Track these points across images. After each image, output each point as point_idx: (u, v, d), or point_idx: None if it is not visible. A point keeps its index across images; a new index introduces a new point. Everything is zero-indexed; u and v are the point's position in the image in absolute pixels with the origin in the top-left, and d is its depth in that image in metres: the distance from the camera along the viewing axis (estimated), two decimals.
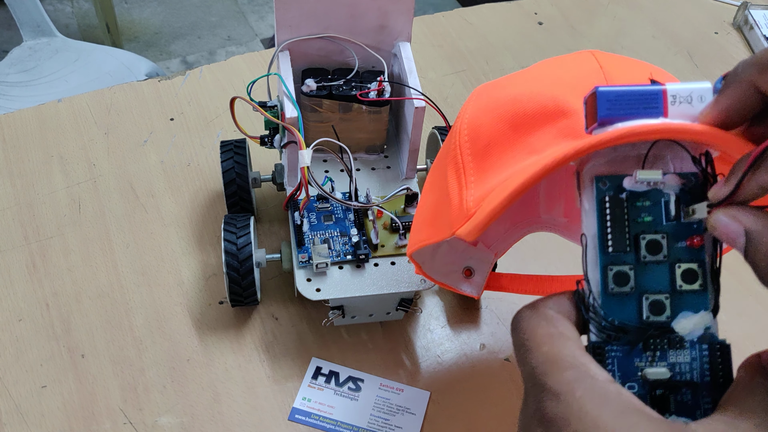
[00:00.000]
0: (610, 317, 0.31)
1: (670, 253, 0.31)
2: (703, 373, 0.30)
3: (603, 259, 0.31)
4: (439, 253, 0.45)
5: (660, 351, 0.31)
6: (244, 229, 0.51)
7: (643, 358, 0.31)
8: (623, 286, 0.31)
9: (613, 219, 0.31)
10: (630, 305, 0.31)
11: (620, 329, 0.31)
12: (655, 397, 0.30)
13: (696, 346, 0.31)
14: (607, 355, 0.31)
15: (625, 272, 0.31)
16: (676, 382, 0.30)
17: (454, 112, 0.71)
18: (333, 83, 0.54)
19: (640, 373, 0.30)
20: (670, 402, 0.30)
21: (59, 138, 0.67)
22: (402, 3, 0.53)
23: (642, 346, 0.31)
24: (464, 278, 0.47)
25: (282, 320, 0.55)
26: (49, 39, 1.23)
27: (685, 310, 0.31)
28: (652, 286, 0.31)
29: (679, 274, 0.31)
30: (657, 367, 0.30)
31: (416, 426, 0.50)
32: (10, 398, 0.51)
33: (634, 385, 0.31)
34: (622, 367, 0.31)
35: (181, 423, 0.50)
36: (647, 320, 0.31)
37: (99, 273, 0.58)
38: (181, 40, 1.86)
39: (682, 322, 0.31)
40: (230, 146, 0.58)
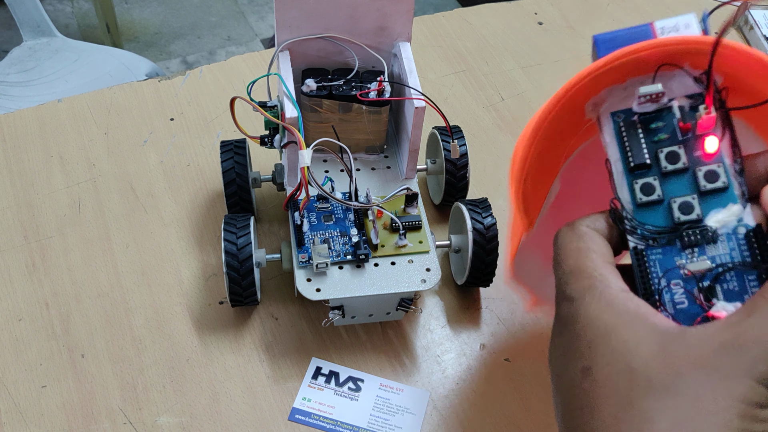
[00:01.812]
0: (646, 224, 0.33)
1: (690, 160, 0.33)
2: (743, 258, 0.32)
3: (628, 176, 0.34)
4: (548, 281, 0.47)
5: (698, 247, 0.33)
6: (244, 229, 0.51)
7: (683, 256, 0.33)
8: (651, 195, 0.33)
9: (630, 139, 0.34)
10: (660, 211, 0.33)
11: (656, 232, 0.33)
12: (703, 289, 0.32)
13: (732, 237, 0.32)
14: (647, 258, 0.33)
15: (651, 183, 0.33)
16: (719, 270, 0.32)
17: (454, 113, 0.72)
18: (333, 83, 0.54)
19: (683, 270, 0.33)
20: (718, 291, 0.32)
21: (59, 138, 0.67)
22: (402, 4, 0.53)
23: (680, 245, 0.33)
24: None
25: (282, 320, 0.55)
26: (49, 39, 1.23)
27: (714, 206, 0.33)
28: (678, 192, 0.33)
29: (701, 176, 0.33)
30: (699, 261, 0.32)
31: (416, 426, 0.50)
32: (10, 398, 0.51)
33: (680, 282, 0.33)
34: (664, 267, 0.33)
35: (180, 423, 0.50)
36: (679, 220, 0.33)
37: (99, 273, 0.58)
38: (181, 40, 1.86)
39: (715, 217, 0.33)
40: (230, 146, 0.58)
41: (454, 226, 0.57)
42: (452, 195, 0.60)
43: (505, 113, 0.72)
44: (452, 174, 0.59)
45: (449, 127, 0.54)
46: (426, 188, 0.64)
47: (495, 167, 0.67)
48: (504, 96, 0.74)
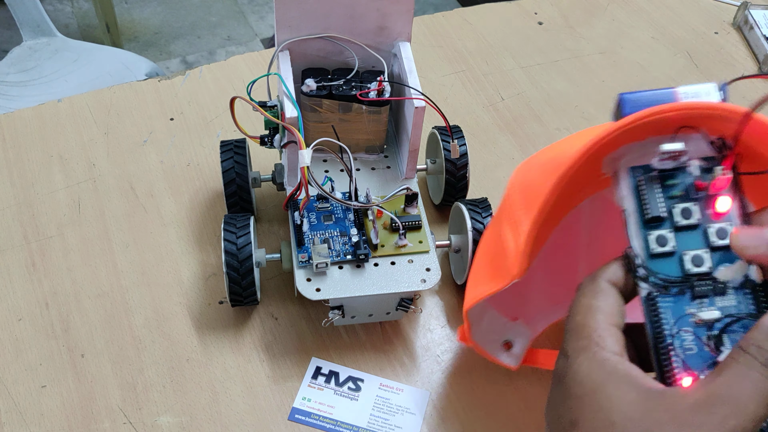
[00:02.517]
0: (658, 274, 0.35)
1: (702, 216, 0.36)
2: (750, 312, 0.34)
3: (643, 228, 0.36)
4: (484, 320, 0.49)
5: (708, 298, 0.35)
6: (244, 229, 0.51)
7: (693, 305, 0.35)
8: (665, 246, 0.35)
9: (648, 193, 0.36)
10: (672, 262, 0.35)
11: (668, 282, 0.35)
12: (712, 336, 0.34)
13: (739, 292, 0.34)
14: (659, 305, 0.35)
15: (665, 235, 0.36)
16: (727, 321, 0.34)
17: (454, 112, 0.72)
18: (333, 83, 0.54)
19: (694, 318, 0.34)
20: (725, 339, 0.34)
21: (59, 138, 0.67)
22: (402, 3, 0.53)
23: (691, 295, 0.35)
24: (504, 350, 0.50)
25: (282, 320, 0.55)
26: (49, 39, 1.23)
27: (723, 261, 0.35)
28: (690, 245, 0.35)
29: (712, 232, 0.35)
30: (707, 311, 0.34)
31: (416, 426, 0.50)
32: (10, 397, 0.51)
33: (690, 329, 0.34)
34: (675, 314, 0.35)
35: (180, 423, 0.50)
36: (690, 272, 0.35)
37: (99, 273, 0.58)
38: (181, 40, 1.86)
39: (722, 271, 0.35)
40: (230, 146, 0.58)
41: (453, 226, 0.57)
42: (452, 195, 0.60)
43: (505, 113, 0.72)
44: (452, 174, 0.59)
45: (449, 126, 0.54)
46: (426, 188, 0.64)
47: (495, 167, 0.67)
48: (504, 96, 0.74)
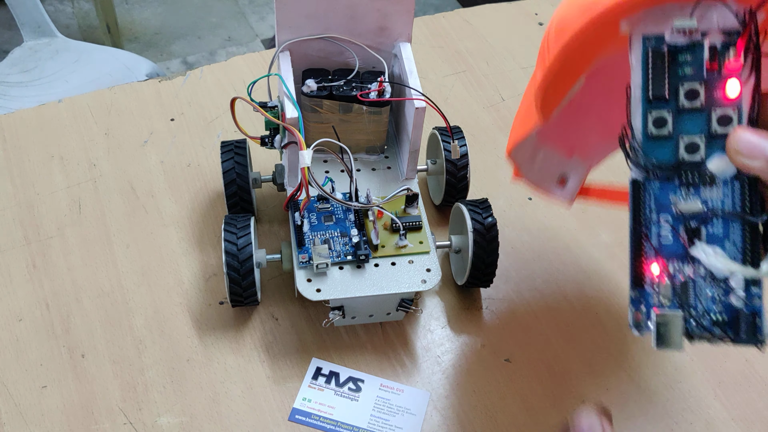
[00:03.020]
0: (650, 157, 0.34)
1: (708, 101, 0.34)
2: (734, 207, 0.33)
3: (644, 106, 0.34)
4: (537, 159, 0.48)
5: (694, 188, 0.34)
6: (245, 230, 0.51)
7: (678, 193, 0.34)
8: (661, 129, 0.34)
9: (654, 69, 0.34)
10: (668, 147, 0.34)
11: (657, 167, 0.34)
12: (689, 228, 0.34)
13: (728, 184, 0.33)
14: (645, 190, 0.34)
15: (664, 117, 0.34)
16: (708, 214, 0.34)
17: (455, 113, 0.72)
18: (333, 84, 0.54)
19: (675, 208, 0.34)
20: (702, 232, 0.34)
21: (59, 138, 0.67)
22: (402, 4, 0.53)
23: (678, 183, 0.34)
24: (558, 186, 0.50)
25: (282, 321, 0.55)
26: (50, 39, 1.23)
27: (719, 151, 0.33)
28: (689, 130, 0.34)
29: (715, 118, 0.33)
30: (690, 202, 0.34)
31: (416, 426, 0.50)
32: (10, 398, 0.51)
33: (668, 217, 0.34)
34: (658, 201, 0.34)
35: (180, 423, 0.50)
36: (682, 159, 0.34)
37: (99, 273, 0.58)
38: (182, 41, 1.86)
39: (716, 162, 0.33)
40: (231, 146, 0.58)
41: (454, 226, 0.57)
42: (452, 195, 0.60)
43: (506, 114, 0.72)
44: (452, 174, 0.59)
45: (449, 127, 0.54)
46: (426, 189, 0.64)
47: (495, 167, 0.67)
48: (504, 96, 0.74)
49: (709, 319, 0.34)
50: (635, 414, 0.51)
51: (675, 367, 0.54)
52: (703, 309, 0.34)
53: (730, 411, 0.52)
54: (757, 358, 0.54)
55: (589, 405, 0.35)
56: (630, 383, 0.53)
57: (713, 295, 0.34)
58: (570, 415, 0.35)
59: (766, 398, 0.52)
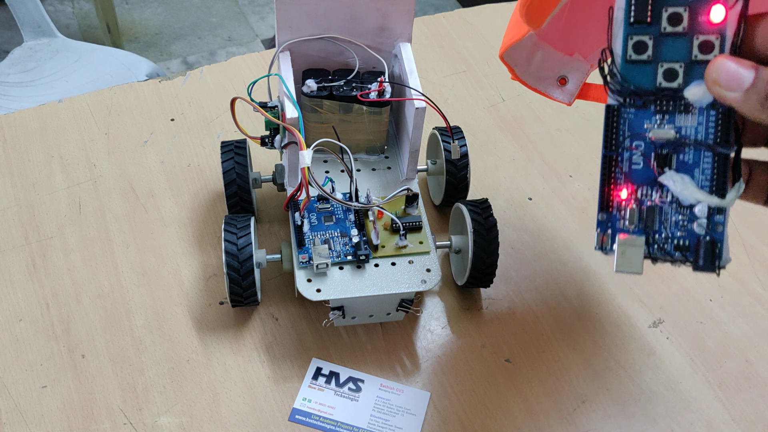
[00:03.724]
0: (628, 83, 0.34)
1: (691, 26, 0.33)
2: (707, 136, 0.33)
3: (626, 29, 0.34)
4: (535, 59, 0.47)
5: (669, 115, 0.34)
6: (245, 230, 0.51)
7: (653, 120, 0.34)
8: (641, 54, 0.34)
9: None
10: (646, 72, 0.34)
11: (634, 92, 0.34)
12: (660, 155, 0.34)
13: (704, 112, 0.33)
14: (621, 116, 0.35)
15: (644, 41, 0.34)
16: (680, 141, 0.34)
17: (455, 113, 0.72)
18: (333, 84, 0.54)
19: (648, 133, 0.34)
20: (673, 160, 0.34)
21: (60, 138, 0.67)
22: (402, 4, 0.53)
23: (653, 109, 0.34)
24: (558, 86, 0.49)
25: (282, 321, 0.55)
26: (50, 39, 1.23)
27: (698, 79, 0.33)
28: (669, 56, 0.34)
29: (696, 44, 0.33)
30: (664, 129, 0.34)
31: (416, 427, 0.50)
32: (10, 398, 0.51)
33: (641, 144, 0.34)
34: (632, 128, 0.35)
35: (180, 423, 0.50)
36: (660, 86, 0.34)
37: (99, 273, 0.58)
38: (182, 41, 1.86)
39: (693, 89, 0.33)
40: (231, 147, 0.58)
41: (454, 226, 0.57)
42: (453, 195, 0.60)
43: (506, 114, 0.72)
44: (453, 174, 0.59)
45: (449, 127, 0.54)
46: (426, 189, 0.64)
47: (495, 168, 0.67)
48: (504, 97, 0.74)
49: (672, 243, 0.35)
50: (636, 414, 0.51)
51: (675, 368, 0.54)
52: (667, 234, 0.35)
53: (730, 411, 0.52)
54: (758, 358, 0.54)
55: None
56: (630, 383, 0.53)
57: (678, 221, 0.34)
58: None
59: (766, 399, 0.52)
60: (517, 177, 0.66)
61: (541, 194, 0.65)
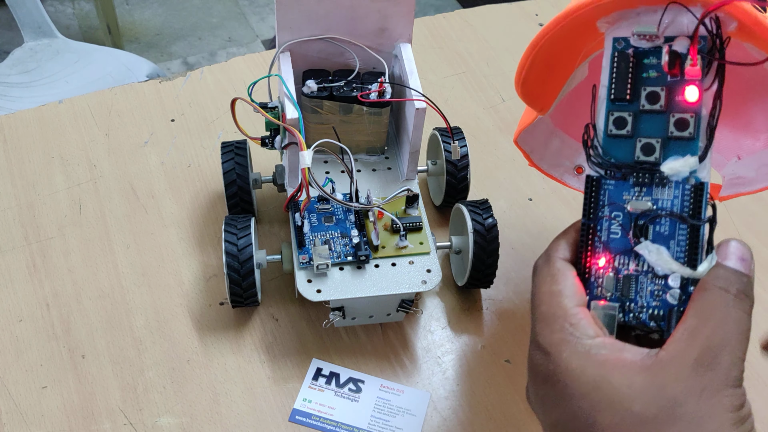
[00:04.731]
0: (608, 156, 0.36)
1: (668, 105, 0.35)
2: (682, 209, 0.35)
3: (608, 105, 0.36)
4: (552, 145, 0.49)
5: (647, 187, 0.35)
6: (245, 230, 0.51)
7: (631, 192, 0.36)
8: (621, 130, 0.36)
9: (619, 71, 0.36)
10: (626, 147, 0.36)
11: (615, 165, 0.36)
12: (637, 226, 0.35)
13: (680, 186, 0.35)
14: (601, 187, 0.36)
15: (624, 117, 0.36)
16: (657, 213, 0.35)
17: (455, 114, 0.72)
18: (334, 84, 0.54)
19: (627, 205, 0.36)
20: (649, 231, 0.35)
21: (60, 139, 0.67)
22: (402, 5, 0.53)
23: (632, 182, 0.36)
24: (574, 174, 0.50)
25: (282, 321, 0.55)
26: (50, 40, 1.24)
27: (675, 154, 0.35)
28: (647, 132, 0.35)
29: (672, 122, 0.35)
30: (641, 201, 0.35)
31: (416, 427, 0.50)
32: (10, 398, 0.51)
33: (619, 214, 0.36)
34: (611, 198, 0.36)
35: (180, 423, 0.50)
36: (638, 159, 0.35)
37: (99, 274, 0.58)
38: (182, 41, 1.86)
39: (670, 164, 0.35)
40: (231, 147, 0.58)
41: (454, 227, 0.57)
42: (453, 196, 0.60)
43: (506, 115, 0.72)
44: (453, 175, 0.59)
45: (450, 128, 0.54)
46: (426, 189, 0.64)
47: (495, 168, 0.67)
48: (504, 97, 0.74)
49: (647, 313, 0.35)
50: None
51: None
52: (642, 303, 0.35)
53: None
54: (757, 358, 0.54)
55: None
56: None
57: (653, 291, 0.35)
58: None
59: (765, 398, 0.52)
60: (517, 177, 0.66)
61: (542, 195, 0.65)
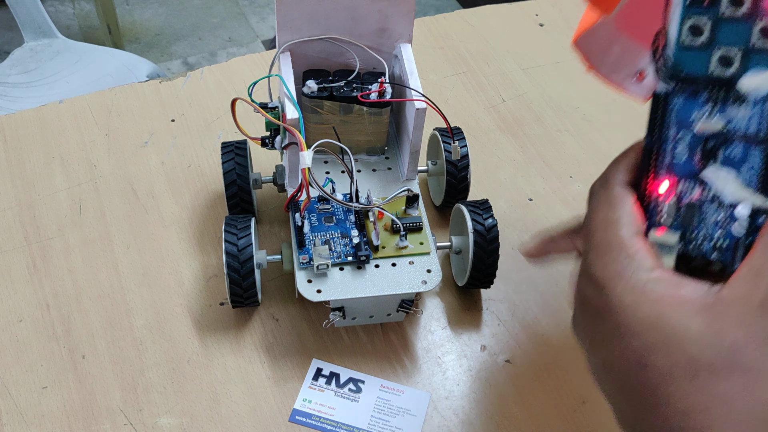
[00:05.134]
0: (680, 68, 0.32)
1: (754, 10, 0.31)
2: (758, 131, 0.31)
3: (683, 11, 0.32)
4: (613, 50, 0.45)
5: (720, 106, 0.32)
6: (245, 231, 0.51)
7: (702, 111, 0.32)
8: (696, 39, 0.32)
9: None
10: (700, 59, 0.32)
11: (686, 80, 0.32)
12: (706, 149, 0.32)
13: (758, 105, 0.31)
14: (669, 105, 0.33)
15: (701, 25, 0.32)
16: (729, 135, 0.31)
17: (455, 114, 0.72)
18: (334, 85, 0.54)
19: (695, 124, 0.32)
20: (719, 154, 0.32)
21: (60, 139, 0.67)
22: (403, 5, 0.53)
23: (704, 100, 0.32)
24: (635, 80, 0.46)
25: (282, 321, 0.55)
26: (51, 40, 1.24)
27: (756, 68, 0.31)
28: (725, 42, 0.31)
29: (756, 30, 0.31)
30: (712, 120, 0.32)
31: (417, 427, 0.50)
32: (11, 398, 0.51)
33: (686, 135, 0.32)
34: (679, 117, 0.32)
35: (180, 424, 0.50)
36: (712, 73, 0.31)
37: (99, 274, 0.58)
38: (182, 42, 1.86)
39: (749, 79, 0.31)
40: (231, 147, 0.58)
41: (454, 227, 0.57)
42: (453, 196, 0.60)
43: (506, 115, 0.72)
44: (453, 175, 0.59)
45: (450, 128, 0.54)
46: (427, 189, 0.64)
47: (496, 168, 0.67)
48: (505, 97, 0.74)
49: (709, 243, 0.32)
50: None
51: None
52: (705, 233, 0.33)
53: None
54: None
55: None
56: None
57: (718, 221, 0.32)
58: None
59: None
60: (517, 178, 0.66)
61: (542, 195, 0.65)
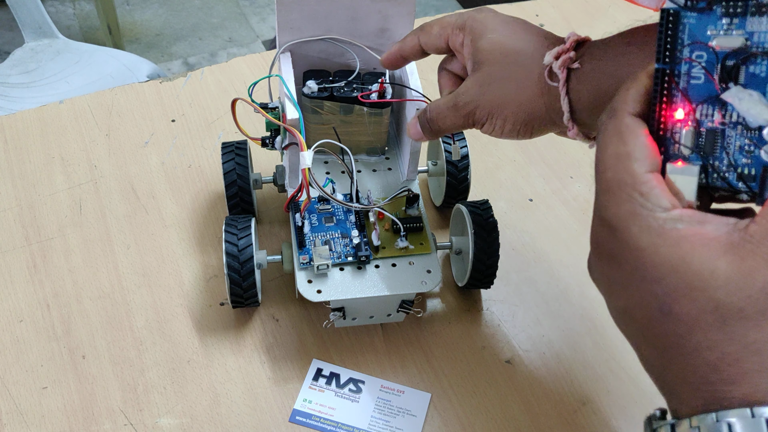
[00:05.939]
0: None
1: None
2: None
3: None
4: None
5: (739, 19, 0.28)
6: (245, 231, 0.51)
7: (718, 25, 0.29)
8: None
9: None
10: None
11: None
12: (725, 68, 0.29)
13: None
14: (679, 21, 0.29)
15: None
16: (751, 51, 0.28)
17: None
18: (334, 85, 0.54)
19: (712, 42, 0.29)
20: (741, 73, 0.29)
21: (60, 139, 0.67)
22: (403, 5, 0.53)
23: (720, 12, 0.29)
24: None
25: (283, 322, 0.55)
26: (51, 40, 1.24)
27: None
28: None
29: None
30: (731, 36, 0.29)
31: (417, 428, 0.50)
32: (11, 398, 0.51)
33: (702, 54, 0.29)
34: (692, 35, 0.29)
35: (181, 424, 0.50)
36: None
37: (100, 274, 0.58)
38: (183, 42, 1.86)
39: None
40: (231, 148, 0.58)
41: (455, 227, 0.57)
42: (453, 197, 0.60)
43: None
44: (453, 176, 0.59)
45: None
46: (427, 190, 0.64)
47: (496, 169, 0.67)
48: None
49: (735, 172, 0.30)
50: (637, 416, 0.51)
51: None
52: (729, 161, 0.30)
53: None
54: None
55: None
56: (631, 385, 0.53)
57: (743, 146, 0.29)
58: None
59: None
60: (517, 178, 0.66)
61: (542, 195, 0.65)
